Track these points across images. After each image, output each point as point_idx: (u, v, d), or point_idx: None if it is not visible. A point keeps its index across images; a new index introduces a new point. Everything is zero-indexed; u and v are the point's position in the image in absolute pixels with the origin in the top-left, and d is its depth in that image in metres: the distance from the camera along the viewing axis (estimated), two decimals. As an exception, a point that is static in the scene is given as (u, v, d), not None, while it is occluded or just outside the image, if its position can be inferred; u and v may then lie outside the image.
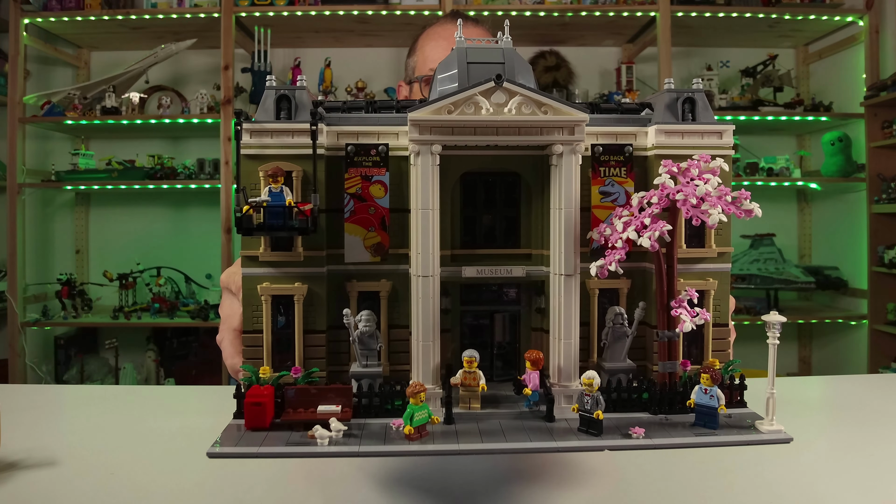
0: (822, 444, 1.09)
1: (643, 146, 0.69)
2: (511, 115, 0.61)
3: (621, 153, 0.68)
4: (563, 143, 0.63)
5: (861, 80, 3.35)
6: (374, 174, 0.67)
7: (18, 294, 3.24)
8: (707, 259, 0.68)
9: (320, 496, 0.81)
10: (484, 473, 0.78)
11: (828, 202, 3.72)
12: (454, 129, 0.61)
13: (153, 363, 3.56)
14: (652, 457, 0.77)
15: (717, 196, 0.60)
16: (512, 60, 0.65)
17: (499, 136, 0.63)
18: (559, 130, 0.62)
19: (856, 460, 0.99)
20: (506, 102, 0.62)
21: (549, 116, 0.62)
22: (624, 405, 0.65)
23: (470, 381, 0.63)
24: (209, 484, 0.90)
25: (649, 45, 3.47)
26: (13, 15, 3.22)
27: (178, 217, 3.80)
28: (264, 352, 0.66)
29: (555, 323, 0.65)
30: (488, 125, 0.61)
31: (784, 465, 0.95)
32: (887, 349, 3.18)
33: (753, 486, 0.86)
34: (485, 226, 0.69)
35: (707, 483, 0.84)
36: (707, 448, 0.63)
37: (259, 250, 0.67)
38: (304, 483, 0.86)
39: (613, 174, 0.68)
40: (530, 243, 0.69)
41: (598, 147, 0.68)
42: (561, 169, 0.63)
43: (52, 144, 3.75)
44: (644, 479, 0.77)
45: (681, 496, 0.76)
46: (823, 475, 0.93)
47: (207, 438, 1.09)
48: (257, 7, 3.20)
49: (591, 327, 0.69)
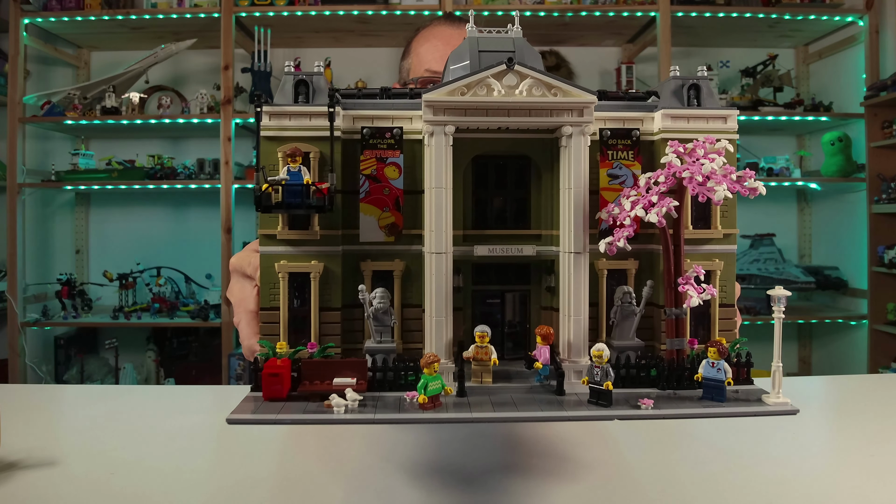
0: (821, 444, 1.09)
1: (650, 131, 0.71)
2: (522, 97, 0.63)
3: (629, 137, 0.69)
4: (573, 124, 0.65)
5: (861, 80, 3.35)
6: (389, 156, 0.69)
7: (18, 294, 3.24)
8: (713, 240, 0.70)
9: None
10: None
11: (828, 202, 3.72)
12: (467, 111, 0.64)
13: (153, 363, 3.56)
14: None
15: (723, 174, 0.61)
16: (522, 48, 0.67)
17: (510, 118, 0.65)
18: (568, 112, 0.65)
19: (856, 460, 0.99)
20: (517, 85, 0.63)
21: (558, 98, 0.64)
22: (633, 381, 0.66)
23: (482, 356, 0.65)
24: (209, 484, 0.90)
25: (649, 45, 3.47)
26: (13, 15, 3.22)
27: (178, 217, 3.80)
28: (281, 328, 0.68)
29: (564, 300, 0.67)
30: (500, 106, 0.64)
31: (783, 464, 0.95)
32: (887, 349, 3.18)
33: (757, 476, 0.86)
34: (496, 207, 0.71)
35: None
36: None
37: (277, 229, 0.69)
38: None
39: (621, 157, 0.70)
40: (540, 224, 0.71)
41: (607, 131, 0.70)
42: (570, 150, 0.66)
43: (52, 144, 3.74)
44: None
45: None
46: (823, 475, 0.93)
47: (207, 438, 1.09)
48: (257, 7, 3.20)
49: (601, 307, 0.70)
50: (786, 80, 3.44)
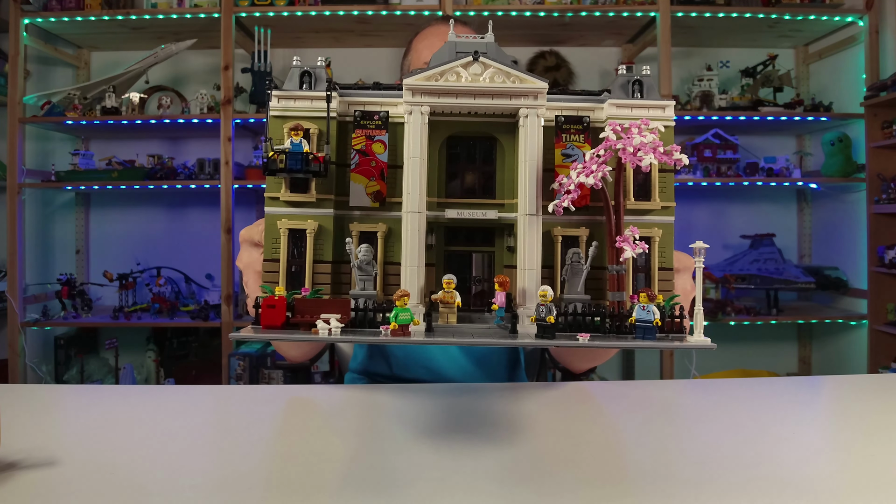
0: (821, 443, 1.09)
1: (599, 119, 0.85)
2: (486, 83, 0.78)
3: (580, 123, 0.84)
4: (528, 107, 0.80)
5: (861, 80, 3.35)
6: (376, 135, 0.83)
7: (18, 294, 3.25)
8: (653, 211, 0.83)
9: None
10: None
11: (828, 202, 3.72)
12: (440, 94, 0.79)
13: (153, 363, 3.56)
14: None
15: (652, 147, 0.74)
16: (492, 49, 0.82)
17: (476, 101, 0.80)
18: (525, 97, 0.80)
19: (856, 460, 0.99)
20: (481, 73, 0.79)
21: (516, 85, 0.79)
22: (579, 327, 0.77)
23: (448, 299, 0.77)
24: (209, 484, 0.90)
25: (649, 45, 3.47)
26: (13, 15, 3.22)
27: (178, 217, 3.80)
28: (280, 276, 0.82)
29: (521, 255, 0.80)
30: (467, 91, 0.79)
31: (783, 464, 0.95)
32: (887, 349, 3.18)
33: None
34: (466, 181, 0.85)
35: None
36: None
37: (280, 192, 0.83)
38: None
39: (573, 140, 0.84)
40: (504, 195, 0.85)
41: (562, 117, 0.84)
42: (526, 129, 0.80)
43: (52, 144, 3.75)
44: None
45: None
46: (823, 475, 0.93)
47: (207, 438, 1.09)
48: (257, 7, 3.20)
49: (555, 269, 0.83)
50: (786, 80, 3.44)
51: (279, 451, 1.02)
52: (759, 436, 1.09)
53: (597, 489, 0.81)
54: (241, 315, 3.28)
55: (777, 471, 0.93)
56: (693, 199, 3.80)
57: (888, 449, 1.03)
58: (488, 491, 0.79)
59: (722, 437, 1.09)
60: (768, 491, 0.86)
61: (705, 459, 0.98)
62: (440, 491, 0.80)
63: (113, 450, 1.04)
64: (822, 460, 1.00)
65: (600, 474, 0.86)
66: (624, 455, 0.95)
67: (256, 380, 3.11)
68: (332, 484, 0.90)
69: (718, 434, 1.10)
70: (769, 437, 1.09)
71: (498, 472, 0.83)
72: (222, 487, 0.88)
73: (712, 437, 1.09)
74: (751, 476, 0.91)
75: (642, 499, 0.83)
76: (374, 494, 0.85)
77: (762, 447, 1.03)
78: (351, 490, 0.88)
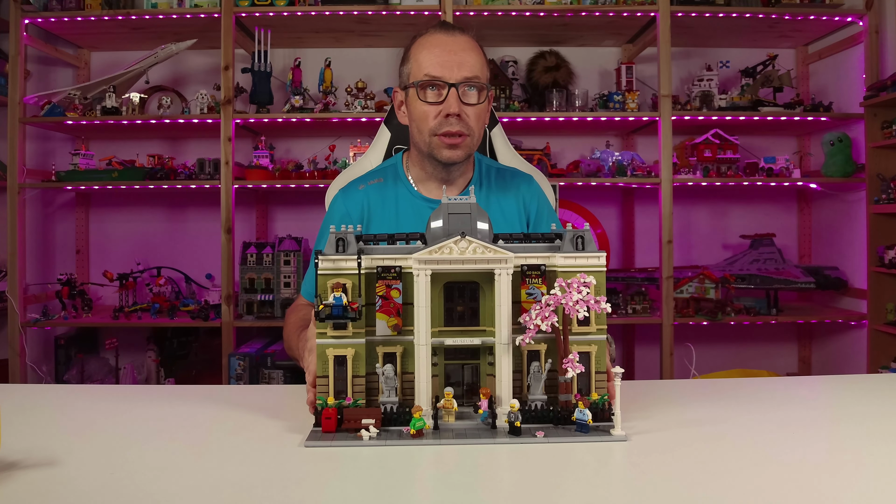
0: (821, 444, 1.09)
1: (554, 265, 1.15)
2: (470, 255, 1.10)
3: (539, 270, 1.15)
4: (500, 268, 1.10)
5: (861, 81, 3.35)
6: (393, 284, 1.13)
7: (18, 294, 3.25)
8: (590, 333, 1.14)
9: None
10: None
11: (828, 202, 3.72)
12: (438, 262, 1.10)
13: (153, 363, 3.56)
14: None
15: (585, 301, 1.06)
16: (475, 211, 1.14)
17: (464, 266, 1.11)
18: (497, 262, 1.10)
19: (856, 460, 0.99)
20: (468, 247, 1.09)
21: (491, 255, 1.10)
22: (539, 419, 1.12)
23: (448, 405, 1.10)
24: (209, 484, 0.90)
25: (649, 45, 3.47)
26: (13, 15, 3.22)
27: (178, 217, 3.80)
28: (329, 388, 1.12)
29: (498, 370, 1.11)
30: (457, 260, 1.10)
31: (782, 464, 0.95)
32: (887, 349, 3.18)
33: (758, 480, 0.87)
34: (458, 313, 1.16)
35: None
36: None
37: (327, 329, 1.12)
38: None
39: (534, 283, 1.14)
40: (486, 323, 1.16)
41: (525, 266, 1.15)
42: (500, 282, 1.10)
43: (52, 144, 3.75)
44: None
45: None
46: (822, 476, 0.93)
47: (207, 438, 1.09)
48: (257, 7, 3.20)
49: (523, 374, 1.15)
50: (786, 80, 3.44)
51: (279, 451, 1.03)
52: (759, 435, 1.10)
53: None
54: (240, 315, 3.29)
55: (777, 470, 0.93)
56: (693, 199, 3.80)
57: (888, 449, 1.03)
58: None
59: (722, 437, 1.09)
60: (768, 491, 0.86)
61: (705, 459, 0.99)
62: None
63: (113, 450, 1.04)
64: (822, 460, 1.00)
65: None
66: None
67: (256, 380, 3.11)
68: (332, 483, 0.91)
69: (719, 434, 1.10)
70: (769, 437, 1.09)
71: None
72: (222, 487, 0.88)
73: (713, 436, 1.09)
74: (751, 476, 0.91)
75: (642, 499, 0.82)
76: (374, 490, 0.85)
77: (762, 447, 1.04)
78: (351, 490, 0.88)
